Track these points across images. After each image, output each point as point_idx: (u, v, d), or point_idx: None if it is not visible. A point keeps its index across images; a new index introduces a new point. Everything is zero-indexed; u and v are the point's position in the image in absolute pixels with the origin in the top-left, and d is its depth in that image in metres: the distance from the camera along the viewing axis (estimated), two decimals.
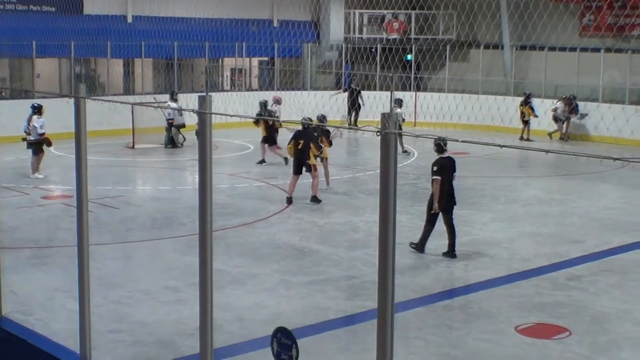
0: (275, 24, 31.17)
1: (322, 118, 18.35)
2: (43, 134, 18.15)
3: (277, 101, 22.81)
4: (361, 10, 31.55)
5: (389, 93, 26.71)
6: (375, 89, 29.39)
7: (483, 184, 18.41)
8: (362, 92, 28.52)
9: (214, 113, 5.52)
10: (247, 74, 31.69)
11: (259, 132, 20.61)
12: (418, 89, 29.80)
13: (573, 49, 26.89)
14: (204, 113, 5.48)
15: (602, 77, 26.36)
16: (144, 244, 12.89)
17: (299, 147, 15.66)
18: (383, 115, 4.29)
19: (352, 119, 28.44)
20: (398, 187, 15.96)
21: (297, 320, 9.18)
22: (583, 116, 25.21)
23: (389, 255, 4.27)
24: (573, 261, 12.12)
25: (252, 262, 11.74)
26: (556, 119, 25.47)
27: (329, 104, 20.47)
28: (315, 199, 15.79)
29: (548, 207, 16.01)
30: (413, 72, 30.16)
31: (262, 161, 20.24)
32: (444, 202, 11.99)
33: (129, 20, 27.83)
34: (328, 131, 17.37)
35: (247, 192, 17.11)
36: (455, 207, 12.32)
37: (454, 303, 10.29)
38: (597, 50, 26.61)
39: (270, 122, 19.48)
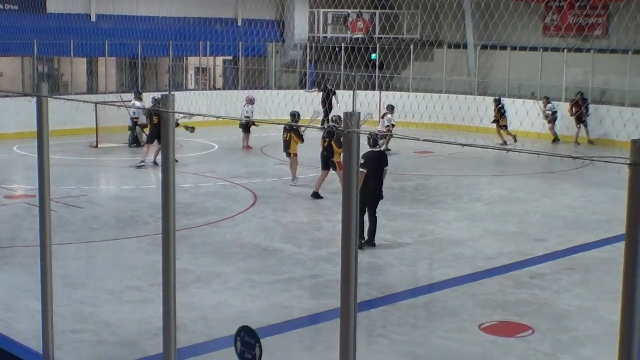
0: (239, 23, 31.10)
1: (296, 114, 18.40)
2: None
3: (251, 101, 22.92)
4: (325, 10, 31.59)
5: (352, 92, 26.83)
6: (339, 88, 29.43)
7: (447, 183, 18.52)
8: (337, 92, 28.44)
9: (176, 112, 5.49)
10: (211, 73, 31.58)
11: (223, 132, 20.57)
12: (382, 88, 29.89)
13: (536, 49, 27.17)
14: (166, 112, 5.45)
15: (564, 76, 26.63)
16: (107, 244, 12.80)
17: (325, 144, 16.35)
18: (345, 114, 4.30)
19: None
20: None
21: (261, 319, 9.17)
22: (549, 115, 25.12)
23: (351, 253, 4.28)
24: (536, 259, 12.23)
25: (217, 261, 11.71)
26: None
27: (291, 103, 20.39)
28: (316, 195, 16.24)
29: (512, 206, 16.14)
30: (377, 71, 30.25)
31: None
32: (365, 194, 11.77)
33: (93, 18, 27.60)
34: (298, 128, 17.48)
35: (211, 191, 17.05)
36: (423, 206, 12.44)
37: (418, 301, 10.34)
38: (560, 49, 26.90)
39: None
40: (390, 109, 23.17)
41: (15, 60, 27.52)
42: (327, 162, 16.40)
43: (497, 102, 25.13)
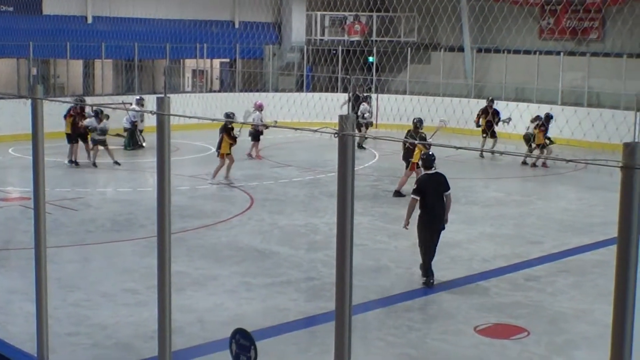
0: (236, 26, 31.10)
1: (231, 115, 18.48)
2: None
3: (260, 107, 22.18)
4: (323, 12, 31.61)
5: (352, 95, 26.82)
6: (336, 91, 29.46)
7: None
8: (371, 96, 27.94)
9: (172, 115, 5.50)
10: (208, 76, 31.57)
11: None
12: (379, 90, 29.91)
13: (532, 52, 27.23)
14: (162, 114, 5.45)
15: (561, 79, 26.68)
16: (103, 246, 12.79)
17: (406, 145, 16.88)
18: (340, 117, 4.31)
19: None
20: (359, 189, 16.12)
21: (257, 322, 9.17)
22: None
23: (346, 256, 4.29)
24: (532, 262, 12.25)
25: (213, 264, 11.71)
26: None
27: (292, 105, 20.45)
28: (398, 193, 16.66)
29: (507, 209, 16.16)
30: (374, 74, 30.27)
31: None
32: (427, 223, 10.92)
33: (89, 20, 27.59)
34: (231, 128, 17.58)
35: (207, 194, 17.05)
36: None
37: (414, 304, 10.35)
38: (556, 53, 26.96)
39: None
40: (368, 98, 22.98)
41: (11, 62, 27.51)
42: (409, 163, 16.79)
43: (491, 102, 24.47)
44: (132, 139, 23.02)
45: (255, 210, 15.41)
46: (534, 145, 20.97)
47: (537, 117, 21.68)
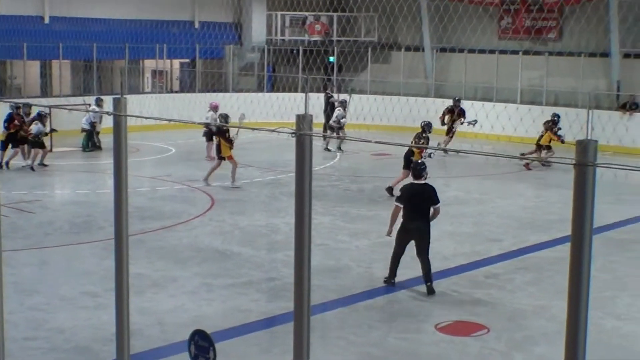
0: (196, 26, 30.93)
1: (225, 117, 18.36)
2: None
3: (215, 108, 22.05)
4: (283, 12, 31.56)
5: (317, 94, 26.85)
6: (296, 91, 29.44)
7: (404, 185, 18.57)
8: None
9: (129, 115, 5.44)
10: (168, 76, 31.36)
11: (180, 135, 20.45)
12: (340, 90, 29.93)
13: (492, 51, 27.44)
14: (119, 115, 5.40)
15: (520, 78, 26.92)
16: (61, 249, 12.64)
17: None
18: (298, 116, 4.29)
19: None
20: (320, 189, 16.16)
21: (218, 323, 9.14)
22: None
23: (304, 255, 4.27)
24: (491, 259, 12.36)
25: (173, 266, 11.64)
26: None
27: (249, 105, 20.39)
28: (390, 190, 16.68)
29: (467, 207, 16.27)
30: (335, 74, 30.30)
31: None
32: (405, 235, 10.79)
33: (46, 20, 27.25)
34: (226, 130, 17.44)
35: (168, 195, 16.94)
36: (380, 208, 12.16)
37: (375, 303, 10.37)
38: (515, 52, 27.21)
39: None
40: (343, 103, 23.15)
41: None
42: (409, 162, 16.53)
43: (457, 102, 24.42)
44: (91, 140, 22.80)
45: (216, 211, 15.35)
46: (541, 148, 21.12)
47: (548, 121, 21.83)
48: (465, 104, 24.58)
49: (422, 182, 10.88)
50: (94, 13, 27.19)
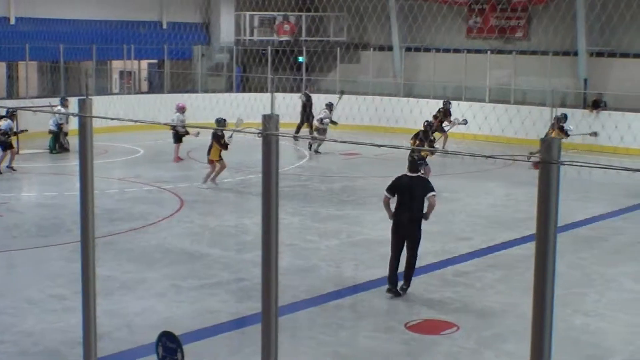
0: (164, 26, 30.77)
1: (222, 121, 18.28)
2: None
3: (181, 109, 21.91)
4: (252, 12, 31.50)
5: (286, 95, 26.77)
6: (266, 91, 29.40)
7: (374, 184, 18.58)
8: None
9: (94, 117, 5.40)
10: (136, 77, 31.15)
11: (148, 136, 20.34)
12: (310, 90, 29.92)
13: (460, 51, 27.60)
14: (84, 117, 5.35)
15: (488, 77, 27.09)
16: (28, 252, 12.52)
17: (415, 144, 17.29)
18: (264, 116, 4.28)
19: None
20: (289, 189, 16.14)
21: (187, 324, 9.10)
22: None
23: (271, 255, 4.27)
24: (460, 258, 12.42)
25: (142, 267, 11.57)
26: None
27: (217, 107, 20.32)
28: None
29: (437, 205, 16.25)
30: (304, 73, 30.28)
31: None
32: (398, 229, 10.64)
33: (12, 21, 26.97)
34: (221, 135, 17.34)
35: (136, 197, 16.83)
36: (350, 208, 12.23)
37: (344, 302, 10.38)
38: (483, 51, 27.37)
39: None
40: (329, 105, 23.25)
41: None
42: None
43: (448, 104, 24.32)
44: (58, 142, 22.59)
45: (185, 212, 15.28)
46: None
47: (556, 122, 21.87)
48: (431, 103, 24.73)
49: (415, 174, 10.90)
50: (60, 14, 26.95)
